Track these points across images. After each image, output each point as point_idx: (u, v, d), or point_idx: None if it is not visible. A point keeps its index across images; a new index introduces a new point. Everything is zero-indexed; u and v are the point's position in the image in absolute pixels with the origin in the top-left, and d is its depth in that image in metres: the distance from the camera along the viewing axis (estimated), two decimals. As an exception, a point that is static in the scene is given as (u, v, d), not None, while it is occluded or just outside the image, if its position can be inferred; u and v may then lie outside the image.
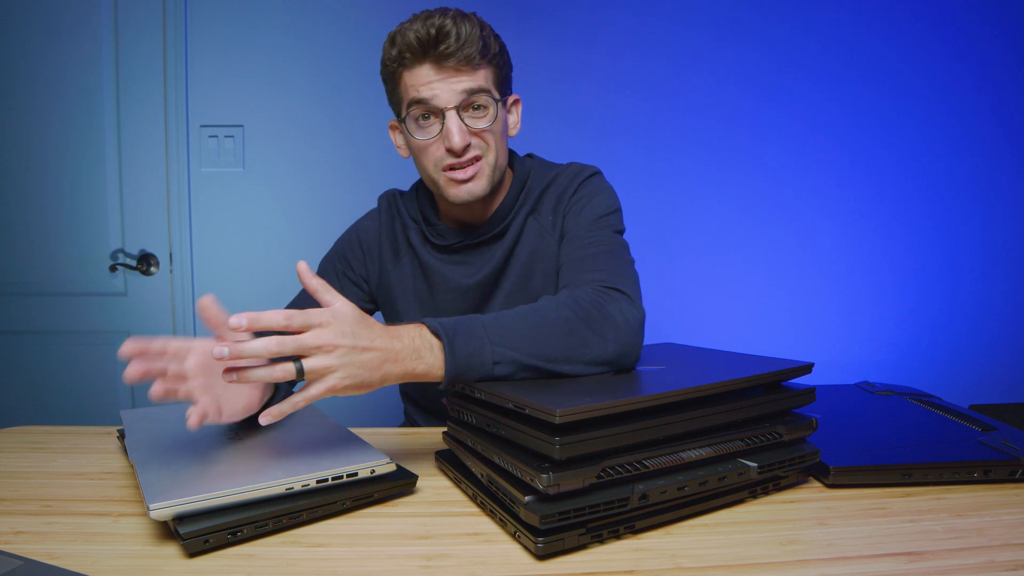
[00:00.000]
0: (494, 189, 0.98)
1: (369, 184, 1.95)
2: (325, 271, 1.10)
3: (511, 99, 1.00)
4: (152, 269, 1.95)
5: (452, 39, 0.87)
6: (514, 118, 1.02)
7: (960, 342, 2.19)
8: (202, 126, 1.94)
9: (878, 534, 0.60)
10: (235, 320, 0.59)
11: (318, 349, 0.62)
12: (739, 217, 2.11)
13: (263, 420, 0.65)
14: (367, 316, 0.68)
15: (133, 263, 1.94)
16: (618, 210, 1.01)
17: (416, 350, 0.68)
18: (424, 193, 1.07)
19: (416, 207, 1.06)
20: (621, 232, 0.99)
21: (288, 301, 1.07)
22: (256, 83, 1.94)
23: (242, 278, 1.98)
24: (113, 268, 1.94)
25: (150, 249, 1.95)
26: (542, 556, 0.56)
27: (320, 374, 0.63)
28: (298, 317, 0.62)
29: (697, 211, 2.09)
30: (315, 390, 0.64)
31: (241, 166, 1.97)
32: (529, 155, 1.09)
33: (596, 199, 0.99)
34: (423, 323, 0.71)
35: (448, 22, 0.87)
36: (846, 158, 2.12)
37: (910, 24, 2.10)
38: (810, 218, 2.13)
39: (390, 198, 1.11)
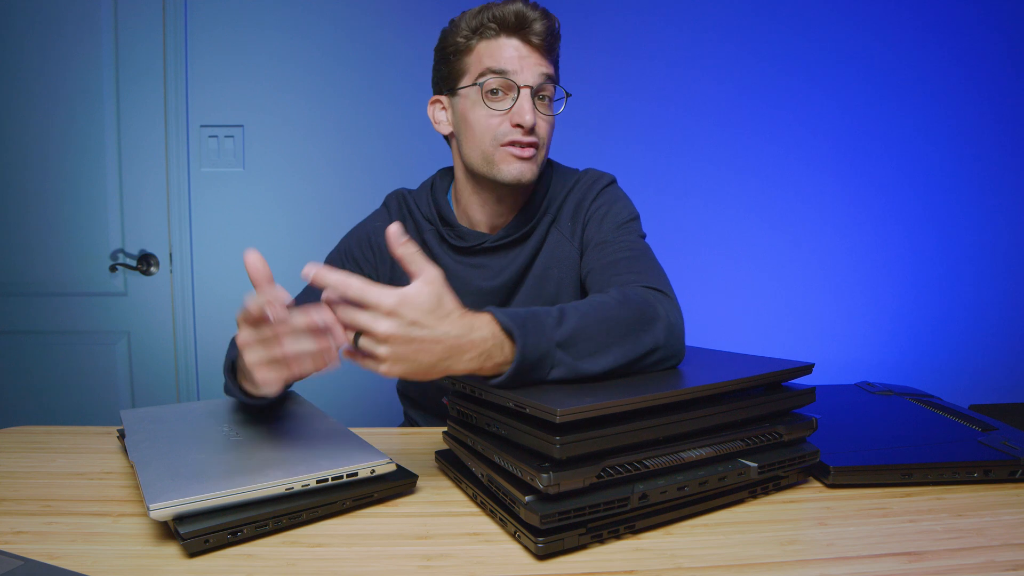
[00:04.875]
0: (522, 190, 0.99)
1: (369, 184, 1.95)
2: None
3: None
4: (152, 269, 1.95)
5: (544, 22, 0.92)
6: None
7: (960, 342, 2.19)
8: (202, 126, 1.94)
9: (878, 534, 0.60)
10: (306, 268, 0.60)
11: (369, 332, 0.60)
12: (739, 217, 2.11)
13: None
14: (445, 298, 0.62)
15: (133, 263, 1.94)
16: (638, 217, 1.02)
17: (487, 349, 0.64)
18: (440, 192, 1.05)
19: (431, 207, 1.04)
20: (644, 238, 1.00)
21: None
22: (256, 83, 1.94)
23: (242, 278, 1.96)
24: (113, 268, 1.94)
25: (150, 249, 1.95)
26: (542, 556, 0.56)
27: (368, 358, 0.61)
28: (355, 289, 0.59)
29: (697, 211, 2.09)
30: (365, 366, 0.62)
31: (241, 166, 1.97)
32: (547, 160, 1.08)
33: (616, 206, 1.00)
34: (492, 315, 0.66)
35: (540, 11, 0.92)
36: (846, 158, 2.12)
37: (910, 24, 2.10)
38: (810, 218, 2.13)
39: (399, 198, 1.09)
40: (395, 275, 1.06)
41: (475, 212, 1.02)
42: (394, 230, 0.61)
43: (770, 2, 2.06)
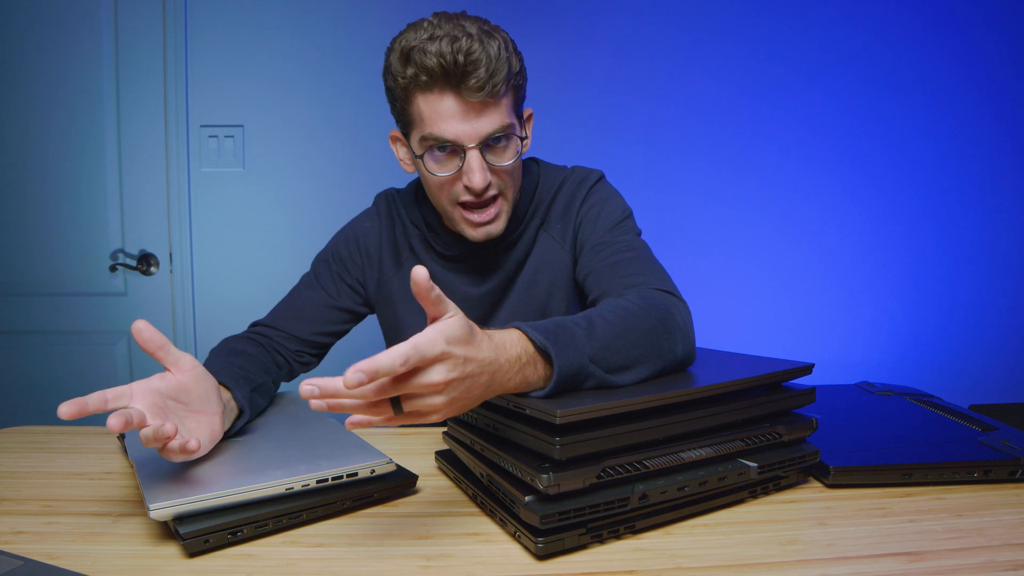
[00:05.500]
0: None
1: (369, 184, 1.94)
2: (318, 270, 1.06)
3: (525, 114, 0.93)
4: (152, 269, 1.95)
5: (482, 70, 0.79)
6: (527, 134, 0.94)
7: (960, 342, 2.20)
8: (202, 126, 1.94)
9: (878, 534, 0.60)
10: (353, 376, 0.49)
11: (427, 388, 0.53)
12: (739, 217, 2.11)
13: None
14: (472, 325, 0.56)
15: (133, 263, 1.94)
16: (631, 214, 0.99)
17: (522, 365, 0.60)
18: (425, 198, 1.02)
19: (417, 212, 1.02)
20: (639, 235, 0.97)
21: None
22: (256, 83, 1.94)
23: (242, 278, 1.98)
24: (113, 268, 1.94)
25: (150, 249, 1.95)
26: (542, 556, 0.56)
27: (423, 415, 0.55)
28: (414, 357, 0.51)
29: (697, 212, 2.09)
30: (408, 420, 0.55)
31: (241, 166, 1.97)
32: (534, 160, 1.06)
33: (608, 205, 0.98)
34: (523, 332, 0.62)
35: (476, 47, 0.78)
36: (846, 158, 2.13)
37: (910, 24, 2.10)
38: (810, 218, 2.13)
39: (388, 199, 1.07)
40: (383, 276, 1.05)
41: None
42: (422, 274, 0.53)
43: (770, 2, 2.06)
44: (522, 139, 0.90)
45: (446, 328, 0.53)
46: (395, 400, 0.54)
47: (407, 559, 0.56)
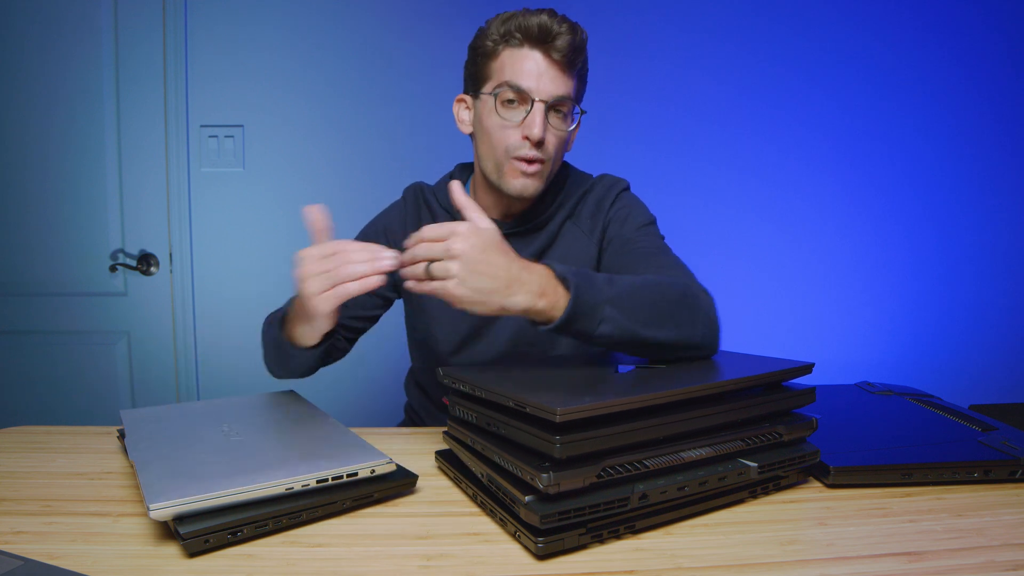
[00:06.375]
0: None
1: (369, 184, 1.95)
2: None
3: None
4: (152, 269, 1.95)
5: (568, 38, 0.92)
6: (573, 136, 1.04)
7: (960, 342, 2.19)
8: (202, 126, 1.94)
9: (878, 534, 0.60)
10: (389, 261, 0.73)
11: (445, 253, 0.68)
12: (739, 217, 2.11)
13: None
14: (505, 243, 0.72)
15: (133, 263, 1.94)
16: (656, 221, 1.06)
17: (543, 287, 0.71)
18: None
19: (447, 196, 1.06)
20: (663, 239, 1.04)
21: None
22: (256, 83, 1.94)
23: (242, 278, 1.98)
24: (113, 268, 1.94)
25: (150, 249, 1.95)
26: (542, 556, 0.56)
27: (441, 276, 0.68)
28: (438, 229, 0.69)
29: (697, 211, 2.09)
30: (431, 286, 0.69)
31: (241, 166, 1.97)
32: (563, 162, 1.11)
33: (636, 209, 1.05)
34: (548, 266, 0.73)
35: (567, 26, 0.93)
36: (846, 158, 2.12)
37: (910, 24, 2.10)
38: (810, 218, 2.13)
39: (416, 190, 1.13)
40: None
41: (490, 207, 1.05)
42: (456, 186, 0.74)
43: (770, 2, 2.06)
44: (575, 114, 0.99)
45: (481, 224, 0.71)
46: (426, 267, 0.70)
47: (407, 559, 0.56)
